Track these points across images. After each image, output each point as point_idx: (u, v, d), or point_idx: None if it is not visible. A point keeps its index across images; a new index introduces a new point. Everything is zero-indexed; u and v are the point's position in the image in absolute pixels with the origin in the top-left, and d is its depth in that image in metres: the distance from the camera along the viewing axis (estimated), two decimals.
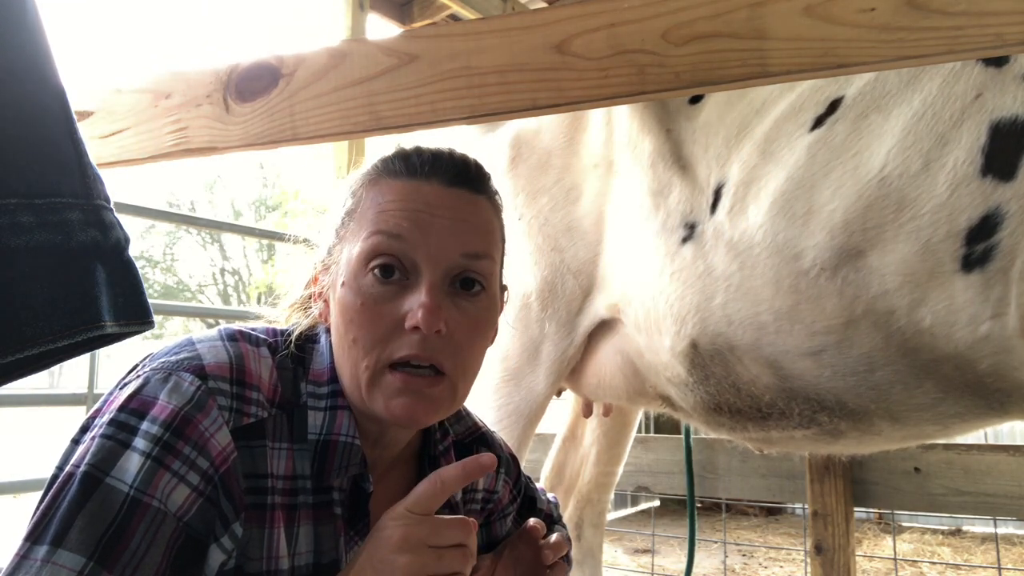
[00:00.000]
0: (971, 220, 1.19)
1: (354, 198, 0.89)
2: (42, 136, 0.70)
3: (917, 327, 1.26)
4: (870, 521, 5.86)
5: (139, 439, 0.72)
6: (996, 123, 1.19)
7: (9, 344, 0.66)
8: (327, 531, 0.83)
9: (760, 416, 1.56)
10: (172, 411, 0.74)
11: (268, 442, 0.80)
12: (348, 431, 0.84)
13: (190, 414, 0.74)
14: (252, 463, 0.78)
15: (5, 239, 0.65)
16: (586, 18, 0.97)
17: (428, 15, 3.41)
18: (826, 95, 1.40)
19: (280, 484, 0.80)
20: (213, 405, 0.76)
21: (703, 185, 1.54)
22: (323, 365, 0.87)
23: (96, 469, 0.71)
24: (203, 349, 0.81)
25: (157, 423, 0.73)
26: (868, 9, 0.84)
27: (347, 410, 0.85)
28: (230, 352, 0.81)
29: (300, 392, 0.85)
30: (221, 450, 0.75)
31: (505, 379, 1.88)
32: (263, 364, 0.83)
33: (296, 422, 0.83)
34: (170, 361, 0.79)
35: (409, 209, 0.84)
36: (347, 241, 0.87)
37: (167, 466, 0.72)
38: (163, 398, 0.75)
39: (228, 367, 0.79)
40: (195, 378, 0.76)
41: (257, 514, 0.78)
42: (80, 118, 0.94)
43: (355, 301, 0.82)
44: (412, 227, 0.83)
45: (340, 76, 1.12)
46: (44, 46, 0.70)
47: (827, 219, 1.32)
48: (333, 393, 0.85)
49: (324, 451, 0.83)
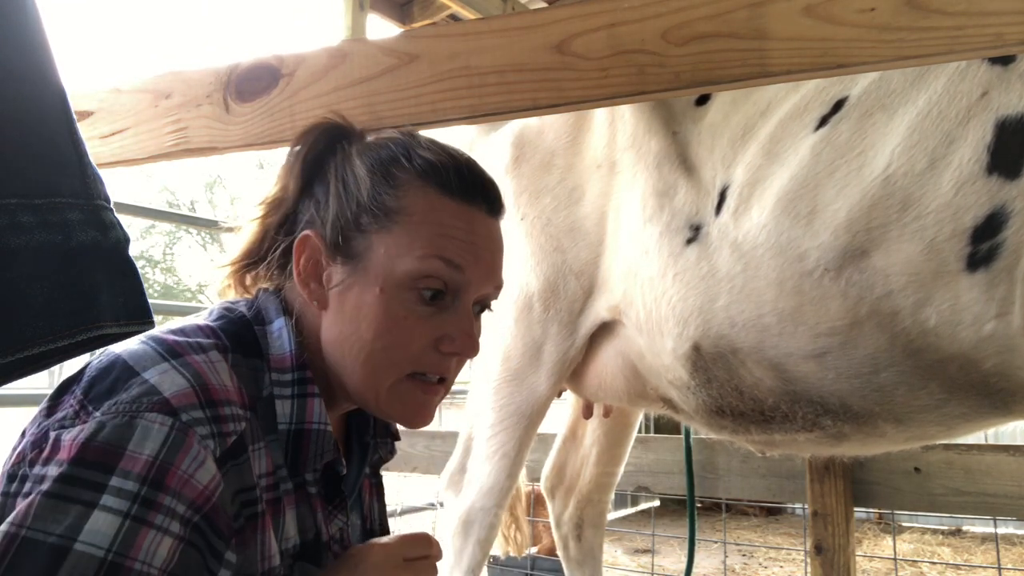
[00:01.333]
0: (976, 219, 1.19)
1: (394, 194, 0.84)
2: (42, 136, 0.70)
3: (922, 327, 1.26)
4: (870, 521, 5.86)
5: (109, 497, 0.64)
6: (1002, 121, 1.19)
7: (9, 344, 0.66)
8: (305, 511, 0.84)
9: (763, 419, 1.56)
10: (146, 462, 0.67)
11: (250, 449, 0.77)
12: (320, 418, 0.83)
13: (167, 462, 0.67)
14: (241, 479, 0.75)
15: (5, 239, 0.65)
16: (586, 18, 0.98)
17: (428, 15, 3.41)
18: (831, 95, 1.39)
19: (264, 482, 0.79)
20: (193, 441, 0.70)
21: (708, 187, 1.54)
22: (284, 351, 0.84)
23: (62, 538, 0.62)
24: (155, 378, 0.72)
25: (132, 477, 0.66)
26: (868, 9, 0.84)
27: (317, 397, 0.83)
28: (184, 373, 0.73)
29: (263, 384, 0.82)
30: (203, 489, 0.70)
31: (507, 379, 1.88)
32: (220, 370, 0.77)
33: (264, 415, 0.81)
34: (123, 400, 0.70)
35: (468, 241, 0.84)
36: (386, 244, 0.83)
37: (150, 523, 0.65)
38: (132, 448, 0.67)
39: (192, 392, 0.72)
40: (164, 416, 0.69)
41: (251, 526, 0.76)
42: (80, 118, 0.94)
43: (396, 313, 0.82)
44: (470, 260, 0.84)
45: (340, 76, 1.12)
46: (44, 46, 0.70)
47: (831, 219, 1.32)
48: (301, 380, 0.83)
49: (297, 440, 0.82)
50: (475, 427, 1.97)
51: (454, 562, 1.92)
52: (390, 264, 0.82)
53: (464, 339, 0.84)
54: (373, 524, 1.03)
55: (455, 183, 0.85)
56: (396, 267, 0.82)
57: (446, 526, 1.97)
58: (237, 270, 0.93)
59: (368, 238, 0.84)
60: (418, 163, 0.86)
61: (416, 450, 2.91)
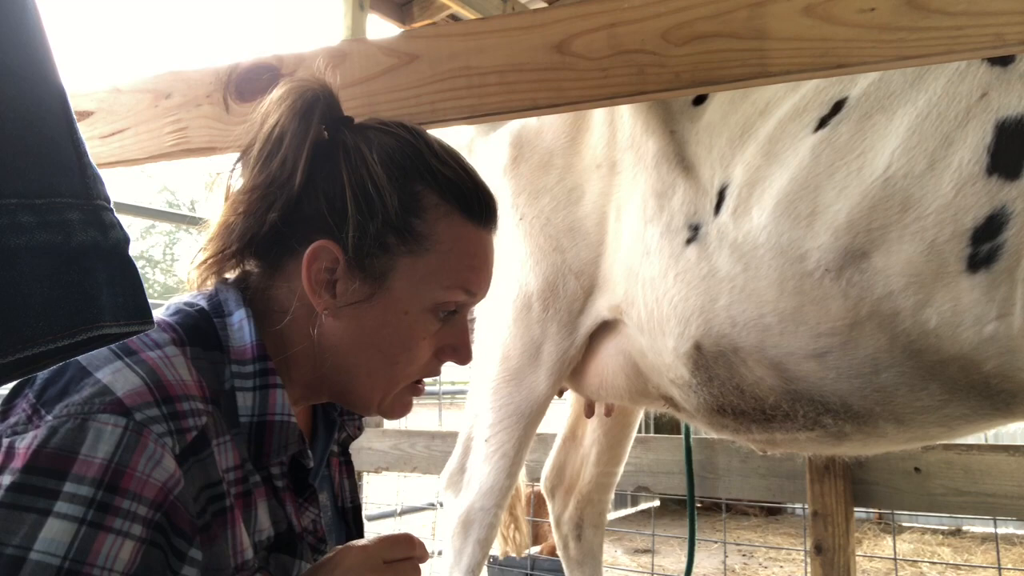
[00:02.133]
0: (976, 220, 1.19)
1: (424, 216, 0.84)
2: (42, 136, 0.70)
3: (922, 328, 1.26)
4: (870, 521, 5.86)
5: (63, 503, 0.63)
6: (1002, 122, 1.19)
7: (9, 344, 0.66)
8: (275, 503, 0.84)
9: (764, 418, 1.56)
10: (101, 466, 0.65)
11: (213, 443, 0.76)
12: (283, 410, 0.81)
13: (123, 464, 0.66)
14: (205, 474, 0.74)
15: (5, 239, 0.65)
16: (586, 18, 0.97)
17: (428, 15, 3.41)
18: (830, 95, 1.39)
19: (232, 476, 0.78)
20: (148, 440, 0.68)
21: (707, 186, 1.54)
22: (244, 343, 0.82)
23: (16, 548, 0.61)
24: (106, 377, 0.70)
25: (86, 482, 0.64)
26: (868, 9, 0.84)
27: (279, 388, 0.82)
28: (138, 370, 0.72)
29: (224, 377, 0.80)
30: (162, 486, 0.68)
31: (506, 379, 1.88)
32: (177, 365, 0.75)
33: (228, 409, 0.79)
34: (75, 402, 0.68)
35: (483, 267, 0.89)
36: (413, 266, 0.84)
37: (108, 527, 0.64)
38: (85, 452, 0.65)
39: (146, 389, 0.70)
40: (117, 417, 0.67)
41: (219, 521, 0.75)
42: (80, 118, 0.94)
43: (417, 335, 0.86)
44: (483, 284, 0.90)
45: (340, 76, 1.12)
46: (44, 46, 0.70)
47: (831, 220, 1.32)
48: (262, 371, 0.81)
49: (260, 433, 0.80)
50: (474, 427, 1.97)
51: (454, 562, 1.93)
52: (417, 290, 0.84)
53: (466, 350, 0.90)
54: (344, 502, 1.03)
55: (476, 209, 0.87)
56: (423, 293, 0.85)
57: (446, 526, 1.97)
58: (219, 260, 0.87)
59: (392, 259, 0.83)
60: (442, 182, 0.86)
61: (416, 450, 2.91)
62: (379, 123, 0.90)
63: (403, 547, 0.85)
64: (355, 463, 3.19)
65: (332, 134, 0.87)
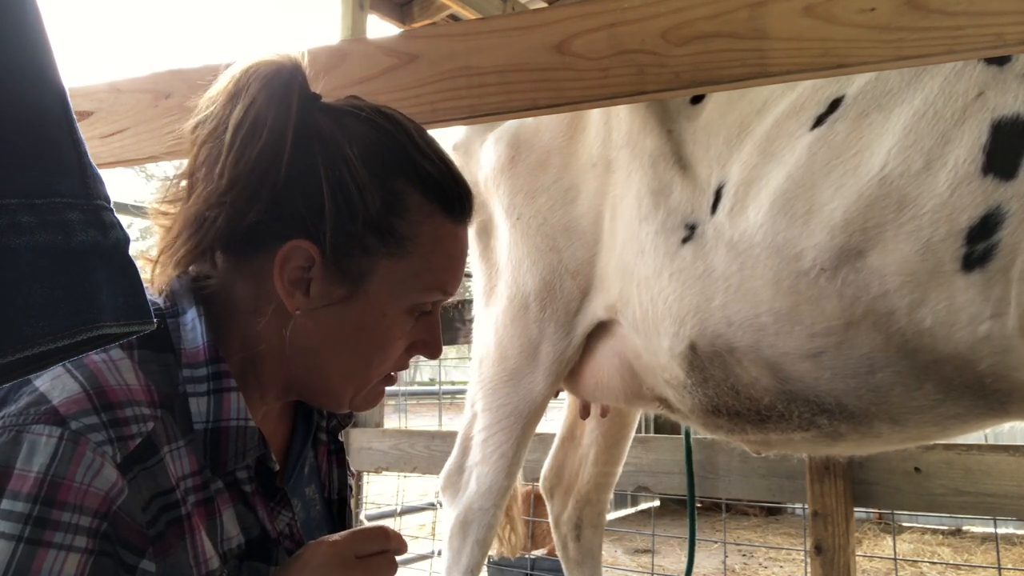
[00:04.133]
0: (972, 219, 1.19)
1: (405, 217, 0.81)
2: (42, 136, 0.70)
3: (917, 328, 1.26)
4: (870, 521, 5.86)
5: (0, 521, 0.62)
6: (997, 121, 1.19)
7: (9, 344, 0.66)
8: (245, 509, 0.80)
9: (759, 419, 1.56)
10: (35, 479, 0.63)
11: (164, 450, 0.73)
12: (239, 414, 0.77)
13: (58, 475, 0.64)
14: (154, 482, 0.71)
15: (5, 239, 0.65)
16: (586, 18, 0.98)
17: (428, 15, 3.41)
18: (827, 94, 1.40)
19: (190, 483, 0.75)
20: (85, 449, 0.65)
21: (704, 185, 1.54)
22: (196, 344, 0.78)
23: None
24: (44, 385, 0.68)
25: (21, 498, 0.62)
26: (868, 9, 0.84)
27: (234, 391, 0.78)
28: (78, 376, 0.70)
29: (177, 381, 0.77)
30: (104, 496, 0.66)
31: (504, 380, 1.88)
32: (123, 369, 0.73)
33: (182, 414, 0.76)
34: (11, 413, 0.66)
35: (459, 266, 0.89)
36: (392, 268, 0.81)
37: (47, 542, 0.62)
38: (20, 466, 0.63)
39: (84, 396, 0.68)
40: (51, 428, 0.65)
41: (175, 530, 0.72)
42: (80, 118, 0.94)
43: (394, 335, 0.85)
44: (457, 282, 0.89)
45: (340, 76, 1.12)
46: (44, 46, 0.70)
47: (827, 219, 1.32)
48: (216, 375, 0.77)
49: (215, 439, 0.76)
50: (472, 427, 1.97)
51: (452, 562, 1.93)
52: (394, 291, 0.83)
53: (436, 344, 0.90)
54: (332, 493, 1.00)
55: (457, 207, 0.86)
56: (401, 296, 0.83)
57: (445, 526, 1.97)
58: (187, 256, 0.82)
59: (371, 261, 0.80)
60: (425, 179, 0.82)
61: (416, 450, 2.92)
62: (352, 107, 0.84)
63: (377, 540, 0.82)
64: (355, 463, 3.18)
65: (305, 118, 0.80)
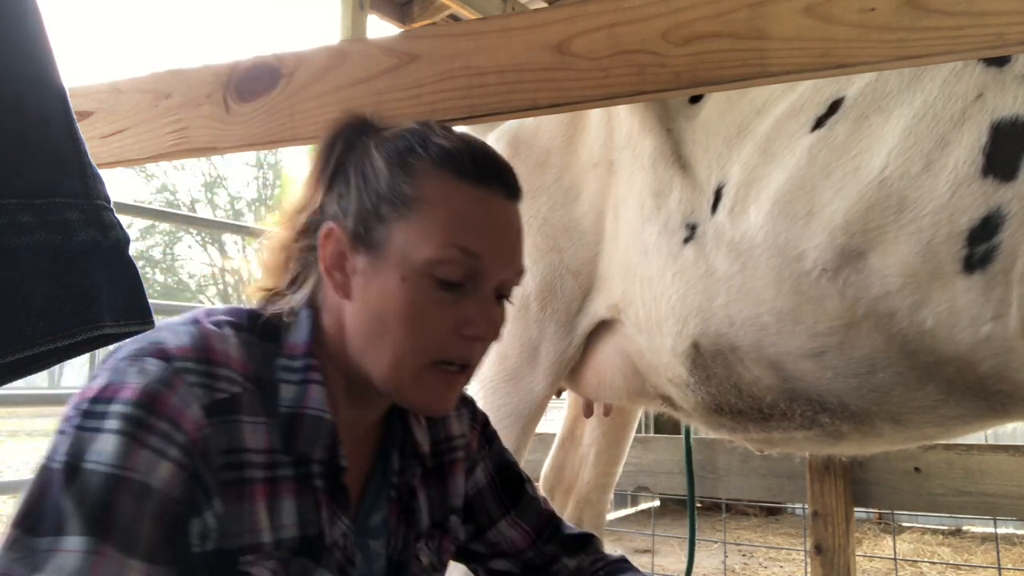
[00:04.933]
0: (972, 221, 1.19)
1: (412, 182, 0.85)
2: (42, 136, 0.70)
3: (919, 329, 1.26)
4: (870, 521, 5.85)
5: (108, 420, 0.73)
6: (997, 123, 1.19)
7: (9, 344, 0.66)
8: (308, 504, 0.84)
9: (761, 417, 1.56)
10: (138, 389, 0.74)
11: (243, 416, 0.80)
12: (318, 404, 0.84)
13: (156, 390, 0.75)
14: (228, 438, 0.78)
15: (5, 239, 0.65)
16: (586, 18, 0.98)
17: (428, 15, 3.41)
18: (827, 95, 1.40)
19: (259, 458, 0.80)
20: (181, 383, 0.76)
21: (704, 185, 1.54)
22: (299, 339, 0.87)
23: (74, 459, 0.71)
24: (165, 335, 0.81)
25: (124, 403, 0.74)
26: (868, 9, 0.84)
27: (319, 384, 0.85)
28: (192, 333, 0.81)
29: (273, 367, 0.85)
30: (195, 424, 0.75)
31: (504, 379, 1.88)
32: (228, 343, 0.83)
33: (269, 396, 0.83)
34: (133, 349, 0.79)
35: (485, 226, 0.85)
36: (404, 231, 0.84)
37: (142, 442, 0.72)
38: (130, 380, 0.75)
39: (191, 348, 0.79)
40: (159, 360, 0.77)
41: (235, 490, 0.78)
42: (80, 118, 0.94)
43: (416, 299, 0.83)
44: (488, 247, 0.85)
45: (340, 76, 1.12)
46: (44, 46, 0.70)
47: (828, 220, 1.32)
48: (307, 367, 0.85)
49: (291, 423, 0.83)
50: None
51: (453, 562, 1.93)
52: (410, 252, 0.83)
53: (485, 323, 0.86)
54: (393, 552, 0.95)
55: (470, 168, 0.86)
56: (416, 255, 0.83)
57: None
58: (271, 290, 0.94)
59: (388, 227, 0.84)
60: (433, 150, 0.86)
61: None
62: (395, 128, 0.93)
63: None
64: None
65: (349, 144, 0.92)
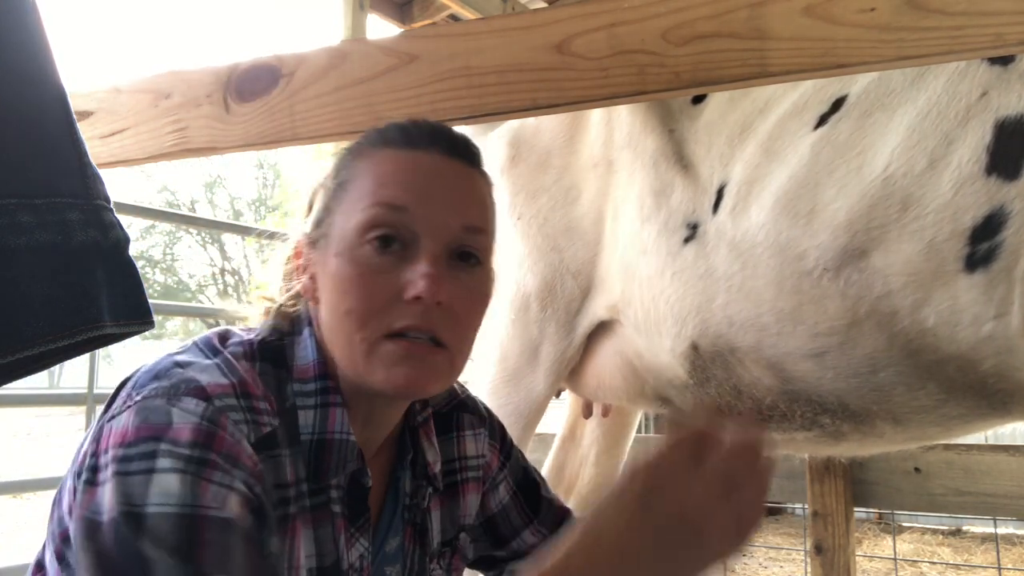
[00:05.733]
0: (975, 219, 1.19)
1: (347, 169, 0.86)
2: (42, 136, 0.70)
3: (920, 328, 1.26)
4: (870, 521, 5.85)
5: (161, 460, 0.67)
6: (1001, 121, 1.19)
7: (9, 344, 0.66)
8: (326, 533, 0.81)
9: (761, 418, 1.56)
10: (192, 428, 0.70)
11: (282, 450, 0.77)
12: (342, 428, 0.81)
13: (209, 428, 0.70)
14: (275, 473, 0.76)
15: (5, 239, 0.65)
16: (586, 18, 0.98)
17: (428, 15, 3.41)
18: (830, 93, 1.39)
19: (293, 491, 0.78)
20: (227, 421, 0.72)
21: (706, 185, 1.54)
22: (307, 361, 0.83)
23: (132, 506, 0.65)
24: (194, 371, 0.76)
25: (180, 444, 0.68)
26: (868, 9, 0.84)
27: (340, 407, 0.82)
28: (223, 369, 0.77)
29: (287, 395, 0.82)
30: (252, 459, 0.72)
31: (504, 380, 1.88)
32: (254, 375, 0.80)
33: (290, 426, 0.80)
34: (163, 387, 0.73)
35: (410, 181, 0.81)
36: (340, 213, 0.83)
37: (207, 478, 0.68)
38: (177, 420, 0.70)
39: (229, 384, 0.75)
40: (199, 401, 0.72)
41: (282, 526, 0.76)
42: (80, 118, 0.94)
43: (351, 271, 0.79)
44: (414, 198, 0.80)
45: (340, 76, 1.12)
46: (44, 46, 0.70)
47: (830, 219, 1.32)
48: (323, 390, 0.82)
49: (319, 450, 0.80)
50: None
51: None
52: (342, 229, 0.82)
53: (422, 280, 0.77)
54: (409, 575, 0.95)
55: (398, 137, 0.85)
56: (346, 228, 0.81)
57: None
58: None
59: (332, 217, 0.84)
60: (370, 135, 0.87)
61: None
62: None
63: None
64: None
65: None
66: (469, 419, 1.02)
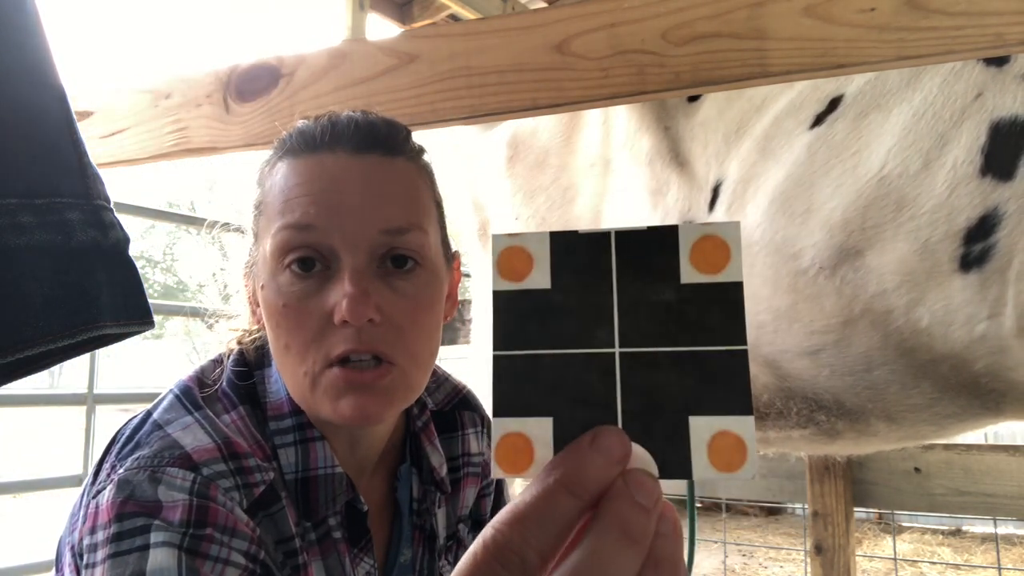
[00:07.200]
0: (970, 220, 1.19)
1: (260, 188, 0.80)
2: (42, 136, 0.70)
3: (915, 327, 1.26)
4: (870, 521, 5.86)
5: (157, 534, 0.64)
6: (996, 123, 1.19)
7: (9, 345, 0.66)
8: (334, 561, 0.79)
9: (757, 416, 1.56)
10: (183, 507, 0.66)
11: (283, 501, 0.74)
12: (326, 462, 0.77)
13: (203, 504, 0.67)
14: (277, 529, 0.73)
15: (5, 239, 0.65)
16: (586, 18, 0.98)
17: (428, 15, 3.41)
18: (826, 93, 1.40)
19: (299, 537, 0.76)
20: (216, 493, 0.68)
21: (702, 183, 1.54)
22: (279, 397, 0.79)
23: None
24: (177, 432, 0.72)
25: (173, 521, 0.65)
26: (868, 9, 0.84)
27: (319, 440, 0.78)
28: (206, 427, 0.73)
29: (268, 435, 0.78)
30: (248, 526, 0.69)
31: None
32: (240, 424, 0.76)
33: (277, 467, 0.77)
34: (145, 456, 0.69)
35: (314, 192, 0.73)
36: (260, 238, 0.78)
37: (203, 554, 0.64)
38: (163, 497, 0.66)
39: (214, 446, 0.71)
40: (185, 472, 0.68)
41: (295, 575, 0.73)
42: (80, 118, 0.94)
43: (277, 303, 0.73)
44: (320, 212, 0.72)
45: (340, 76, 1.12)
46: (44, 46, 0.70)
47: (826, 218, 1.32)
48: (299, 425, 0.78)
49: (305, 489, 0.76)
50: None
51: None
52: (264, 256, 0.76)
53: (347, 302, 0.70)
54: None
55: (297, 141, 0.77)
56: (267, 256, 0.76)
57: None
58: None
59: (257, 242, 0.79)
60: (275, 145, 0.80)
61: None
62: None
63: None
64: None
65: None
66: (471, 416, 1.00)
